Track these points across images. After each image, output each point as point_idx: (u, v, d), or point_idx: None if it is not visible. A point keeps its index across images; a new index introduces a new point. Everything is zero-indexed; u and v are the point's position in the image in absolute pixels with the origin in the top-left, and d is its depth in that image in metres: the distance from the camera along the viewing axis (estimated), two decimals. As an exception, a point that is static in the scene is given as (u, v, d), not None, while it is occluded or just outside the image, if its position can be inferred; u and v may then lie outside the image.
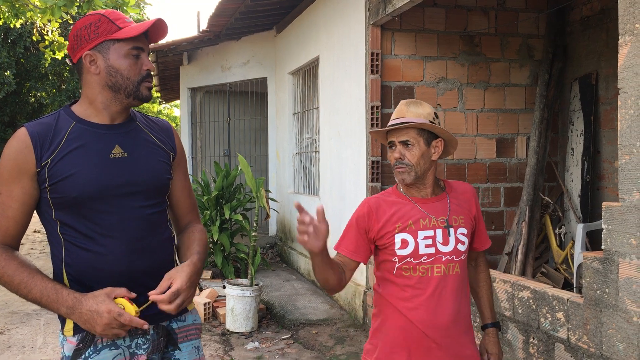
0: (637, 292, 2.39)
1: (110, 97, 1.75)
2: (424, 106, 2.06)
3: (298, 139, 8.06)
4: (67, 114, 1.76)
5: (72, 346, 1.70)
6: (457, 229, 2.05)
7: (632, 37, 2.40)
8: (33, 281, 1.63)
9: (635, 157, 2.38)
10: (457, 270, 2.04)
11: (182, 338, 1.85)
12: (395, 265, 2.03)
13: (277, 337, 5.16)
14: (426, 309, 2.00)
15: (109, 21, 1.70)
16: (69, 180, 1.66)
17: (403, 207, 2.05)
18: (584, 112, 5.28)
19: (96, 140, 1.72)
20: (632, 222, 2.41)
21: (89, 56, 1.71)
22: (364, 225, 2.06)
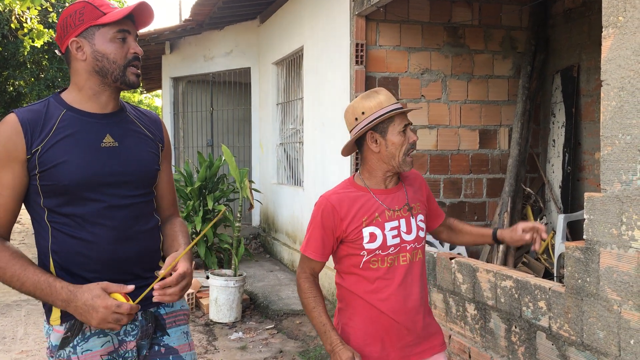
0: (617, 281, 2.43)
1: (98, 82, 1.74)
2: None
3: (282, 129, 8.04)
4: (57, 101, 1.74)
5: (60, 335, 1.70)
6: (417, 216, 2.10)
7: (615, 29, 2.42)
8: (25, 274, 1.62)
9: (617, 148, 2.42)
10: (419, 257, 2.11)
11: (170, 323, 1.86)
12: (362, 259, 2.03)
13: (260, 327, 5.17)
14: (396, 298, 2.04)
15: (93, 7, 1.71)
16: (59, 168, 1.65)
17: (366, 200, 2.04)
18: (566, 104, 5.34)
19: (87, 129, 1.72)
20: (613, 212, 2.45)
21: (75, 42, 1.72)
22: (330, 224, 2.03)
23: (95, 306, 1.58)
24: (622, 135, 2.39)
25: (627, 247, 2.38)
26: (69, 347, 1.69)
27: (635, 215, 2.34)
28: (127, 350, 1.75)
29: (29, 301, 6.08)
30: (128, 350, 1.75)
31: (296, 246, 7.02)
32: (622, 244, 2.40)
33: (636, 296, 2.34)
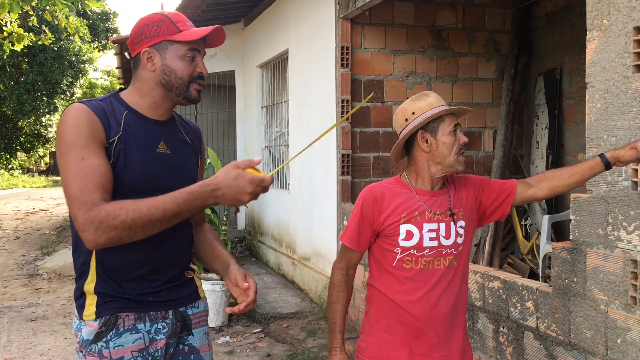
0: (604, 281, 2.46)
1: (162, 95, 1.81)
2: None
3: (267, 132, 8.03)
4: (118, 101, 1.80)
5: (93, 329, 1.73)
6: (458, 222, 2.04)
7: (599, 32, 2.46)
8: (160, 199, 1.60)
9: (603, 149, 2.45)
10: (454, 263, 2.04)
11: (195, 324, 1.91)
12: (396, 257, 2.02)
13: (248, 331, 5.15)
14: (426, 303, 2.00)
15: (170, 22, 1.77)
16: (127, 165, 1.71)
17: (408, 198, 2.04)
18: (549, 106, 5.40)
19: (146, 133, 1.79)
20: (599, 213, 2.48)
21: (147, 53, 1.78)
22: (369, 215, 2.05)
23: (241, 186, 1.61)
24: (607, 137, 2.43)
25: (613, 247, 2.41)
26: (102, 341, 1.73)
27: (620, 216, 2.37)
28: (157, 349, 1.79)
29: (12, 308, 6.00)
30: (158, 348, 1.79)
31: (282, 249, 7.01)
32: (608, 244, 2.44)
33: (622, 296, 2.37)
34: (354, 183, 5.17)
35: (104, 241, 1.58)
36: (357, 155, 5.18)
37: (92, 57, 20.85)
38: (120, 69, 10.67)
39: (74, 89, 20.17)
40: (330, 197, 5.35)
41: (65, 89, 19.45)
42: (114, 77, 28.41)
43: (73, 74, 19.47)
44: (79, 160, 1.62)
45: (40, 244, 9.96)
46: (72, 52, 18.83)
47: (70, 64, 19.04)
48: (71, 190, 1.60)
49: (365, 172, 5.23)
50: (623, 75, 2.35)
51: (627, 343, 2.36)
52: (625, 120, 2.34)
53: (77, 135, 1.64)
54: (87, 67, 20.62)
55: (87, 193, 1.59)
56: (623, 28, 2.35)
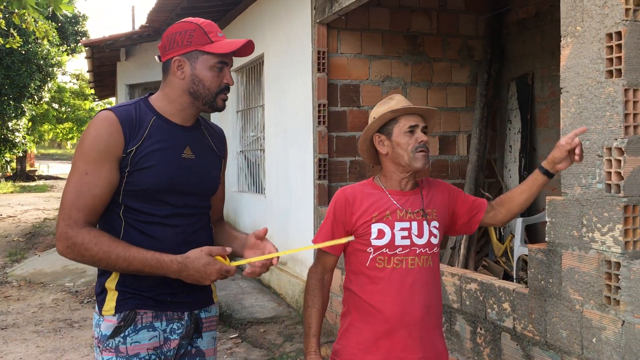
0: (579, 282, 2.52)
1: (189, 102, 1.85)
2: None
3: (242, 136, 8.00)
4: (147, 106, 1.84)
5: (112, 324, 1.78)
6: (431, 222, 2.07)
7: (573, 38, 2.52)
8: (130, 254, 1.71)
9: (577, 153, 2.51)
10: (429, 264, 2.06)
11: (206, 328, 1.96)
12: (369, 257, 2.03)
13: (224, 337, 5.11)
14: (400, 303, 2.00)
15: (202, 33, 1.81)
16: (148, 172, 1.76)
17: (380, 198, 2.07)
18: (521, 111, 5.50)
19: (172, 138, 1.83)
20: (574, 215, 2.54)
21: (178, 61, 1.82)
22: (341, 217, 2.08)
23: (208, 272, 1.72)
24: (581, 141, 2.48)
25: (588, 249, 2.47)
26: (120, 337, 1.78)
27: (595, 218, 2.43)
28: (170, 348, 1.84)
29: None
30: (171, 348, 1.84)
31: (258, 254, 6.98)
32: (582, 245, 2.49)
33: (597, 296, 2.43)
34: (331, 187, 5.19)
35: (69, 257, 1.73)
36: (333, 159, 5.21)
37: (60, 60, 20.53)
38: (92, 73, 10.53)
39: (42, 92, 19.82)
40: (307, 201, 5.36)
41: (33, 92, 19.09)
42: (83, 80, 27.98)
43: (41, 77, 19.13)
44: (82, 174, 1.73)
45: (9, 250, 9.75)
46: (40, 55, 18.51)
47: (38, 67, 18.71)
48: (64, 198, 1.74)
49: (342, 176, 5.26)
50: (596, 81, 2.42)
51: (602, 342, 2.41)
52: (598, 125, 2.41)
53: (91, 148, 1.73)
54: (56, 70, 20.28)
55: (74, 209, 1.71)
56: (596, 34, 2.41)
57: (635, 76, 2.31)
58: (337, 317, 4.79)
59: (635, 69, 2.31)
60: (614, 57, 2.34)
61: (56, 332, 5.35)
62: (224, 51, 1.80)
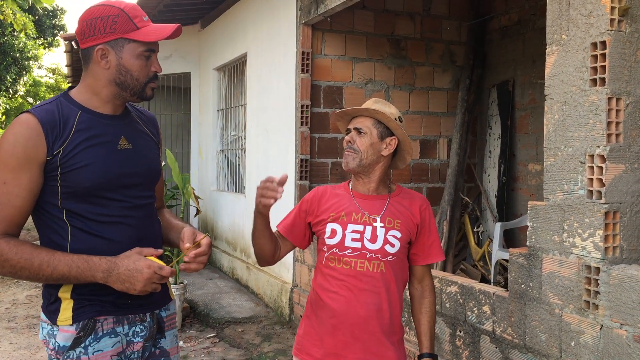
0: (559, 286, 2.56)
1: (116, 93, 1.75)
2: (389, 106, 2.12)
3: (223, 135, 7.96)
4: (69, 101, 1.72)
5: (70, 335, 1.68)
6: (389, 230, 2.05)
7: (558, 46, 2.56)
8: (56, 257, 1.61)
9: (560, 159, 2.55)
10: (381, 269, 2.05)
11: (167, 326, 1.90)
12: (324, 255, 2.10)
13: (202, 336, 5.08)
14: (345, 301, 2.03)
15: (127, 19, 1.67)
16: (82, 171, 1.65)
17: (342, 199, 2.12)
18: (501, 117, 5.57)
19: (104, 131, 1.73)
20: (556, 220, 2.57)
21: (102, 50, 1.68)
22: (305, 207, 2.15)
23: (139, 268, 1.61)
24: (564, 147, 2.53)
25: (569, 254, 2.51)
26: (80, 347, 1.68)
27: (576, 223, 2.47)
28: (134, 351, 1.77)
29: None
30: (134, 351, 1.77)
31: (237, 254, 6.96)
32: (563, 250, 2.53)
33: (576, 300, 2.47)
34: (312, 188, 5.17)
35: None
36: (315, 160, 5.21)
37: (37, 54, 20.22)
38: (70, 67, 10.38)
39: (18, 86, 19.51)
40: (288, 201, 5.34)
41: (9, 85, 18.77)
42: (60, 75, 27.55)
43: (17, 70, 18.82)
44: (0, 184, 1.61)
45: (-20, 246, 9.54)
46: (16, 48, 18.20)
47: (14, 60, 18.40)
48: None
49: (323, 177, 5.26)
50: (580, 89, 2.46)
51: (581, 346, 2.45)
52: (582, 132, 2.45)
53: (10, 155, 1.61)
54: (32, 64, 19.96)
55: None
56: (581, 43, 2.45)
57: (619, 85, 2.36)
58: (315, 318, 4.79)
59: (619, 78, 2.36)
60: (598, 66, 2.39)
61: (30, 328, 5.26)
62: (153, 39, 1.69)
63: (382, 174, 2.13)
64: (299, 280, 5.13)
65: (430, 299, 2.18)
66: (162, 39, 1.71)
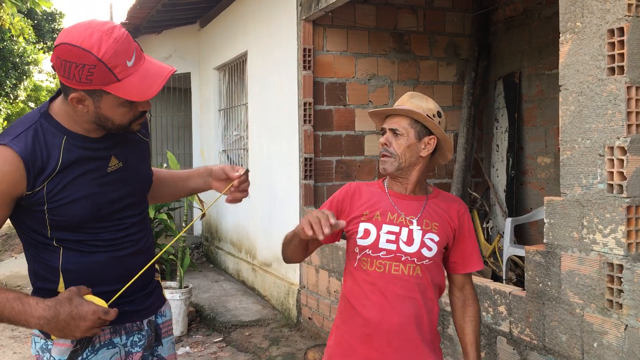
0: (579, 285, 2.45)
1: (98, 128, 1.59)
2: (427, 101, 1.99)
3: (224, 135, 7.86)
4: (52, 125, 1.56)
5: (66, 348, 1.60)
6: (427, 233, 1.94)
7: (572, 34, 2.45)
8: None
9: (577, 152, 2.44)
10: (417, 273, 1.93)
11: (164, 333, 1.83)
12: (357, 257, 1.97)
13: (208, 341, 4.99)
14: (379, 308, 1.91)
15: (106, 70, 1.43)
16: (71, 206, 1.54)
17: (377, 197, 2.01)
18: (508, 109, 5.45)
19: (93, 157, 1.59)
20: (574, 216, 2.47)
21: (77, 98, 1.49)
22: (337, 206, 2.03)
23: (82, 314, 1.46)
24: (581, 140, 2.42)
25: (589, 251, 2.40)
26: None
27: (596, 219, 2.36)
28: None
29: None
30: None
31: (242, 255, 6.86)
32: (583, 247, 2.43)
33: (599, 299, 2.36)
34: (317, 187, 5.09)
35: None
36: (319, 159, 5.11)
37: (37, 58, 20.15)
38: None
39: (18, 91, 19.44)
40: (292, 201, 5.25)
41: (9, 91, 18.70)
42: (61, 79, 27.47)
43: (17, 75, 18.73)
44: None
45: (-16, 253, 9.49)
46: (16, 53, 18.11)
47: (14, 65, 18.31)
48: None
49: (328, 176, 5.16)
50: (597, 78, 2.35)
51: (604, 347, 2.35)
52: (600, 123, 2.34)
53: None
54: (32, 68, 19.88)
55: None
56: (597, 30, 2.34)
57: (638, 73, 2.25)
58: (324, 320, 4.69)
59: (638, 65, 2.25)
60: (615, 54, 2.27)
61: (33, 338, 5.17)
62: (136, 98, 1.48)
63: (420, 176, 2.01)
64: (306, 281, 5.03)
65: (474, 307, 2.07)
66: (148, 99, 1.50)
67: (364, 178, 5.26)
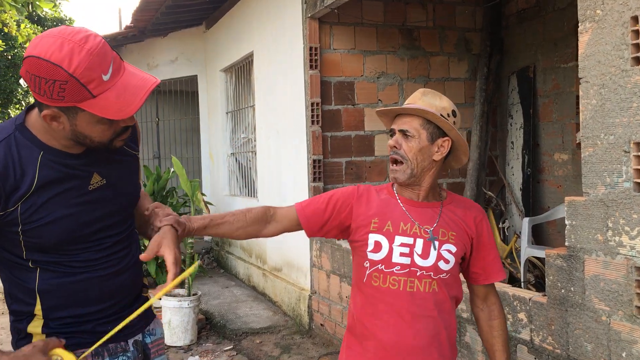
0: (605, 290, 2.29)
1: (78, 144, 1.46)
2: (441, 99, 1.81)
3: (232, 138, 7.75)
4: (28, 138, 1.43)
5: None
6: (443, 244, 1.77)
7: (593, 23, 2.29)
8: None
9: (600, 149, 2.28)
10: (434, 288, 1.77)
11: (154, 353, 1.70)
12: (366, 272, 1.80)
13: (218, 349, 4.86)
14: (397, 330, 1.75)
15: (78, 86, 1.29)
16: (48, 227, 1.42)
17: (387, 204, 1.83)
18: (523, 105, 5.28)
19: (72, 175, 1.46)
20: (598, 217, 2.30)
21: (50, 116, 1.36)
22: (337, 205, 1.84)
23: None
24: (604, 135, 2.25)
25: (615, 254, 2.24)
26: None
27: (622, 220, 2.20)
28: None
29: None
30: None
31: (252, 260, 6.74)
32: (608, 250, 2.26)
33: (626, 306, 2.20)
34: (326, 189, 4.95)
35: None
36: (328, 160, 4.97)
37: (47, 65, 20.18)
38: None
39: (29, 98, 19.46)
40: (302, 204, 5.11)
41: (21, 98, 18.72)
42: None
43: (28, 82, 18.79)
44: None
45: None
46: (26, 60, 18.16)
47: (24, 72, 18.37)
48: None
49: (338, 177, 5.02)
50: (621, 69, 2.18)
51: (633, 357, 2.18)
52: (624, 117, 2.17)
53: None
54: (43, 75, 19.94)
55: None
56: (619, 18, 2.18)
57: (666, 62, 2.09)
58: (336, 327, 4.55)
59: (666, 54, 2.09)
60: (640, 42, 2.11)
61: None
62: (111, 116, 1.35)
63: (433, 181, 1.84)
64: (317, 286, 4.89)
65: (500, 319, 1.92)
66: (126, 117, 1.37)
67: (374, 179, 5.11)
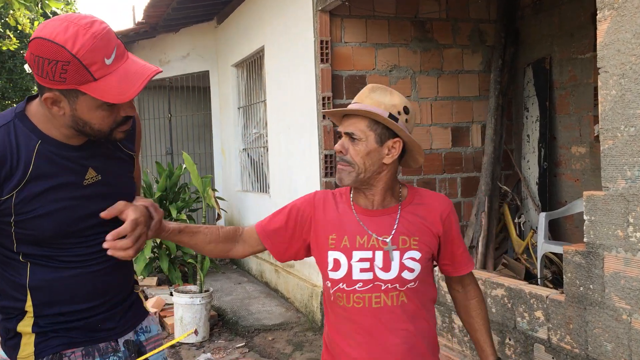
0: (626, 288, 2.20)
1: (77, 134, 1.44)
2: (391, 95, 1.67)
3: (244, 134, 7.70)
4: (27, 127, 1.41)
5: None
6: (405, 253, 1.65)
7: (612, 10, 2.20)
8: None
9: (620, 141, 2.19)
10: (402, 300, 1.65)
11: (150, 349, 1.66)
12: (330, 291, 1.71)
13: (230, 346, 4.83)
14: (370, 349, 1.65)
15: (81, 67, 1.29)
16: (41, 220, 1.40)
17: (343, 216, 1.70)
18: (539, 97, 5.17)
19: (68, 167, 1.44)
20: (618, 212, 2.22)
21: (51, 99, 1.35)
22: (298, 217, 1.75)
23: None
24: (624, 127, 2.17)
25: (636, 251, 2.15)
26: None
27: (644, 215, 2.12)
28: None
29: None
30: None
31: (264, 256, 6.70)
32: (629, 246, 2.18)
33: (648, 304, 2.12)
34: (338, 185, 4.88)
35: None
36: (340, 155, 4.89)
37: (62, 62, 20.28)
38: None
39: (43, 96, 19.61)
40: (314, 200, 5.06)
41: (36, 95, 18.90)
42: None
43: (42, 80, 18.90)
44: None
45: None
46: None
47: (38, 70, 18.47)
48: None
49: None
50: (642, 58, 2.10)
51: (656, 357, 2.10)
52: (646, 108, 2.09)
53: None
54: (57, 73, 20.03)
55: None
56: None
57: (690, 50, 2.00)
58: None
59: (690, 41, 2.00)
60: (662, 30, 2.02)
61: None
62: (112, 100, 1.34)
63: (387, 184, 1.69)
64: (330, 283, 4.84)
65: (478, 298, 1.83)
66: (126, 101, 1.35)
67: (387, 174, 5.03)
